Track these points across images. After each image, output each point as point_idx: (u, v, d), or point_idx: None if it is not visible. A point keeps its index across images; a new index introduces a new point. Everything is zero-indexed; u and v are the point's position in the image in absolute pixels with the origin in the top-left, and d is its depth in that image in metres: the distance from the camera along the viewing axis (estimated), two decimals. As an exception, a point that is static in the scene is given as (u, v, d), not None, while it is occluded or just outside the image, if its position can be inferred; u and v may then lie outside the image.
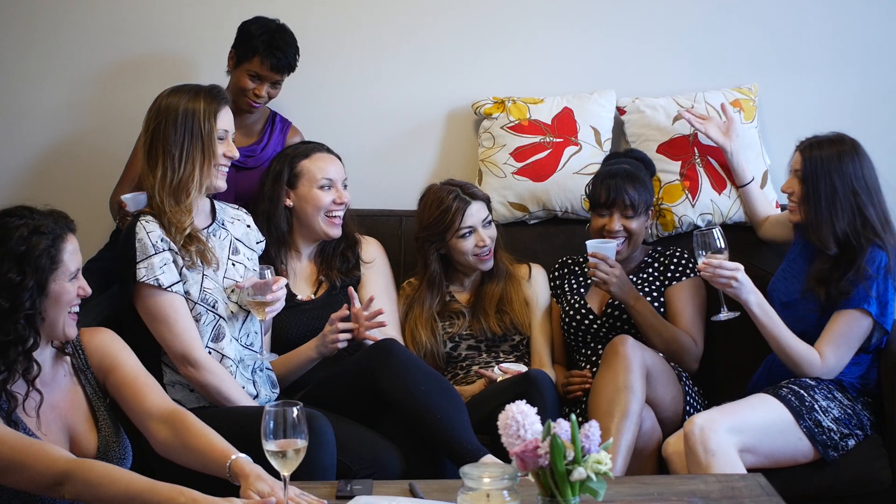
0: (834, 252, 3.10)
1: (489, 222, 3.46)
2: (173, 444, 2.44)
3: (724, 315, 3.15)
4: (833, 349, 3.08)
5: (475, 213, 3.42)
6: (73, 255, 2.39)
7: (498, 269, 3.49)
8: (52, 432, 2.42)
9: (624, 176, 3.39)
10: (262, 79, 3.52)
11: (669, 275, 3.45)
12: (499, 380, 3.24)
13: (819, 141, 3.16)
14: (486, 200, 3.49)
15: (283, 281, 2.91)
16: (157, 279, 2.81)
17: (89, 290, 2.44)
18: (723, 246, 3.08)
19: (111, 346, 2.55)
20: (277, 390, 3.11)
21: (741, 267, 3.07)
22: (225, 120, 2.92)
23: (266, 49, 3.48)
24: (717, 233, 3.08)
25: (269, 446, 2.18)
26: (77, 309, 2.43)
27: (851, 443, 3.06)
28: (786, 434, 2.99)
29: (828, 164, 3.10)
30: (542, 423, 2.03)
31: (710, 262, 3.05)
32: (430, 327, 3.44)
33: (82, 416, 2.48)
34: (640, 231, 3.43)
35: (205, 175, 2.89)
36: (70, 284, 2.38)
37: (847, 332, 3.08)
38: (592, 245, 3.29)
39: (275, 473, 2.24)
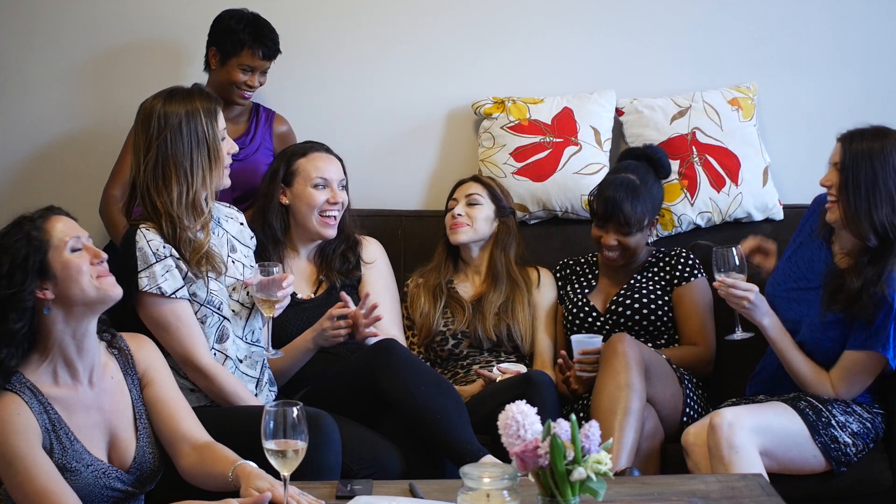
0: (874, 244, 3.01)
1: (475, 203, 3.51)
2: (197, 469, 2.45)
3: (739, 335, 3.14)
4: (846, 386, 3.05)
5: (464, 188, 3.55)
6: (62, 230, 2.37)
7: (498, 271, 3.49)
8: (94, 435, 2.41)
9: (624, 191, 3.35)
10: (253, 69, 3.55)
11: (678, 274, 3.45)
12: (498, 380, 3.24)
13: (861, 132, 3.07)
14: (488, 187, 3.56)
15: (291, 278, 2.90)
16: (159, 287, 2.79)
17: (105, 254, 2.42)
18: (737, 263, 3.06)
19: (156, 359, 2.57)
20: (275, 388, 3.11)
21: (755, 288, 3.04)
22: (222, 119, 2.91)
23: (254, 40, 3.52)
24: (735, 252, 3.06)
25: (269, 446, 2.18)
26: (103, 269, 2.39)
27: (863, 455, 3.06)
28: (801, 446, 2.99)
29: (869, 153, 3.01)
30: (542, 424, 2.03)
31: (725, 280, 3.04)
32: (434, 294, 3.47)
33: (126, 421, 2.48)
34: (638, 245, 3.42)
35: (215, 180, 2.87)
36: (73, 255, 2.36)
37: (862, 372, 3.04)
38: (579, 342, 3.27)
39: (275, 474, 2.24)
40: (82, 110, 3.93)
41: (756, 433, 2.91)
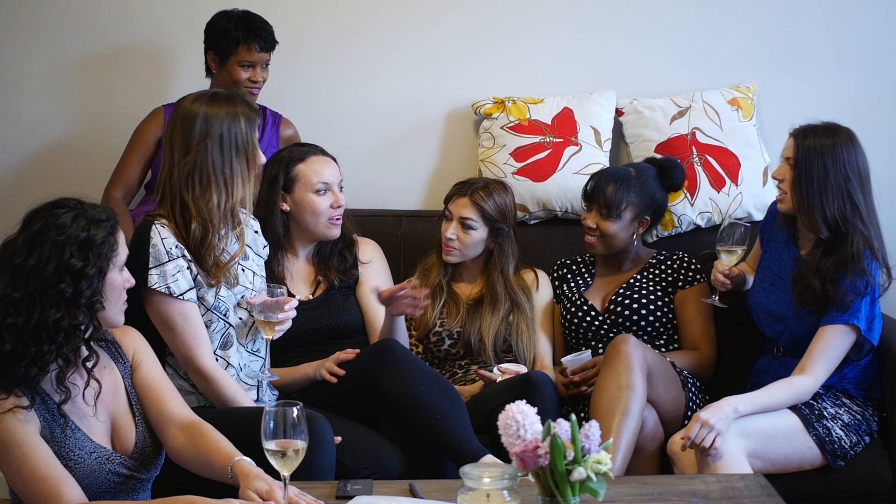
0: (825, 235, 3.07)
1: (469, 227, 3.43)
2: (187, 452, 2.45)
3: (713, 300, 3.26)
4: (824, 364, 3.04)
5: (459, 206, 3.44)
6: (124, 246, 2.41)
7: (496, 290, 3.46)
8: (96, 424, 2.42)
9: (613, 175, 3.42)
10: (253, 64, 3.55)
11: (681, 277, 3.46)
12: (498, 380, 3.24)
13: (813, 128, 3.14)
14: (484, 211, 3.42)
15: (294, 301, 2.88)
16: (168, 287, 2.79)
17: (133, 281, 2.46)
18: (739, 236, 3.19)
19: (141, 344, 2.58)
20: (276, 393, 3.12)
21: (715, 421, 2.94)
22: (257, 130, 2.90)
23: (248, 35, 3.52)
24: (742, 226, 3.21)
25: (269, 446, 2.18)
26: (125, 297, 2.44)
27: (859, 449, 3.07)
28: (794, 442, 2.99)
29: (821, 149, 3.08)
30: (542, 424, 2.03)
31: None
32: (433, 293, 3.46)
33: (123, 408, 2.49)
34: (617, 235, 3.42)
35: (250, 189, 2.85)
36: (120, 275, 2.40)
37: (836, 348, 3.04)
38: (570, 362, 3.31)
39: (274, 474, 2.25)
40: (80, 112, 3.93)
41: (741, 437, 2.91)
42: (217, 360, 2.88)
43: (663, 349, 3.42)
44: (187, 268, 2.81)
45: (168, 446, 2.49)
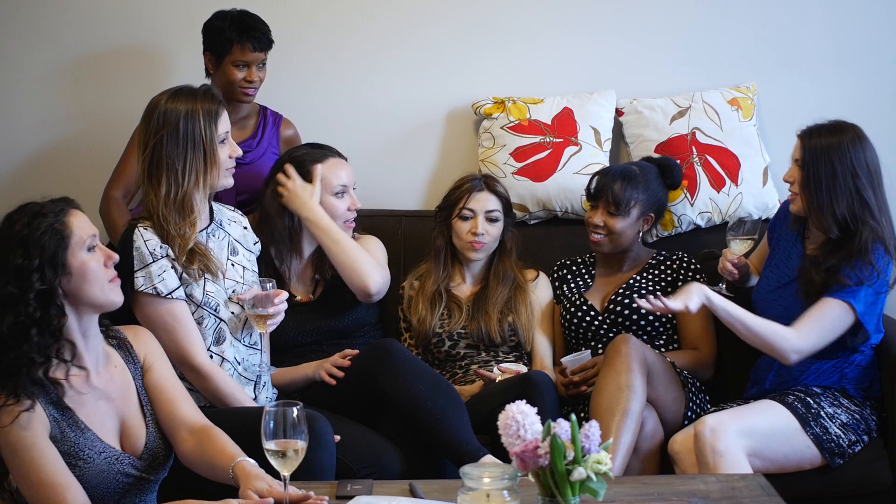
0: (836, 235, 3.07)
1: (495, 219, 3.46)
2: (196, 455, 2.46)
3: (720, 288, 3.23)
4: (814, 329, 3.01)
5: (482, 200, 3.45)
6: (81, 227, 2.36)
7: (505, 273, 3.49)
8: (105, 424, 2.42)
9: (619, 173, 3.43)
10: (248, 64, 3.54)
11: (681, 277, 3.46)
12: (498, 380, 3.24)
13: (820, 128, 3.13)
14: (503, 199, 3.49)
15: (284, 294, 2.89)
16: (154, 287, 2.79)
17: (116, 256, 2.43)
18: (748, 229, 3.22)
19: (153, 346, 2.58)
20: (276, 392, 3.12)
21: (679, 307, 3.02)
22: (225, 122, 2.90)
23: (241, 34, 3.51)
24: (750, 220, 3.29)
25: (269, 446, 2.18)
26: (113, 274, 2.41)
27: (858, 448, 3.06)
28: (792, 441, 2.99)
29: (827, 149, 3.07)
30: (542, 424, 2.03)
31: (648, 303, 3.05)
32: (431, 301, 3.45)
33: (133, 409, 2.49)
34: (625, 232, 3.43)
35: (209, 182, 2.87)
36: (90, 255, 2.36)
37: (830, 319, 3.02)
38: (571, 362, 3.31)
39: (274, 474, 2.25)
40: (80, 112, 3.93)
41: (741, 436, 2.91)
42: (211, 356, 2.88)
43: (663, 349, 3.42)
44: (172, 267, 2.82)
45: (178, 450, 2.49)
